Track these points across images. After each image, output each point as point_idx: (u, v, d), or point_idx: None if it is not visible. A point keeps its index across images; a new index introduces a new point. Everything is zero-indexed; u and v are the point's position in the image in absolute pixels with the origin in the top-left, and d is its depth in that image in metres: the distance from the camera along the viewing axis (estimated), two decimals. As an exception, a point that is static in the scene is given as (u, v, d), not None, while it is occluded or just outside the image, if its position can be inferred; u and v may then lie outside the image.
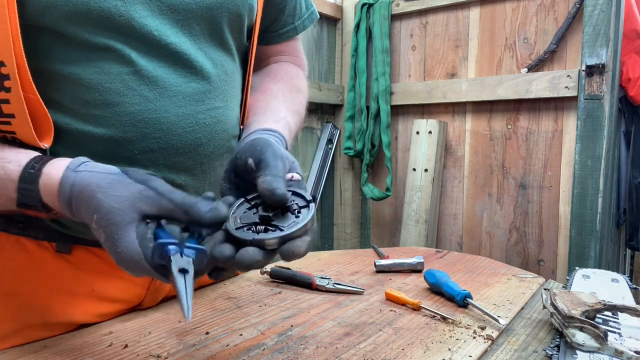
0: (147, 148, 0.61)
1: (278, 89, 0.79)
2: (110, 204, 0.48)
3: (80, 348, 0.60)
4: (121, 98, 0.58)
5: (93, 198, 0.48)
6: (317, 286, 0.84)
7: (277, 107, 0.74)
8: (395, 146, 2.27)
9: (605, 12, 1.62)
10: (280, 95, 0.77)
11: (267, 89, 0.78)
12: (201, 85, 0.64)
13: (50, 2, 0.53)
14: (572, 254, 1.73)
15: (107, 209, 0.47)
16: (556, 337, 0.65)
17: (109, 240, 0.48)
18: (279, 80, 0.81)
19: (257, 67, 0.86)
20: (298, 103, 0.80)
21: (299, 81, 0.85)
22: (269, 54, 0.86)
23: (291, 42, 0.87)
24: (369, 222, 2.41)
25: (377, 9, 2.18)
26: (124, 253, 0.47)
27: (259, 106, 0.75)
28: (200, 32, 0.64)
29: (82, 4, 0.54)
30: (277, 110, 0.74)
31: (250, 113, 0.75)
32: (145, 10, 0.58)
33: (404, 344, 0.63)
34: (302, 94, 0.83)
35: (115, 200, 0.48)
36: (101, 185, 0.49)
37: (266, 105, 0.74)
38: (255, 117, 0.72)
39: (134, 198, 0.48)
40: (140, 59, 0.58)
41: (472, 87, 1.96)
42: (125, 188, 0.48)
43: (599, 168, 1.67)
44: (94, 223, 0.48)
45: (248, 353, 0.60)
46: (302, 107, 0.81)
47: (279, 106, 0.75)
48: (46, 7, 0.53)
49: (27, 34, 0.54)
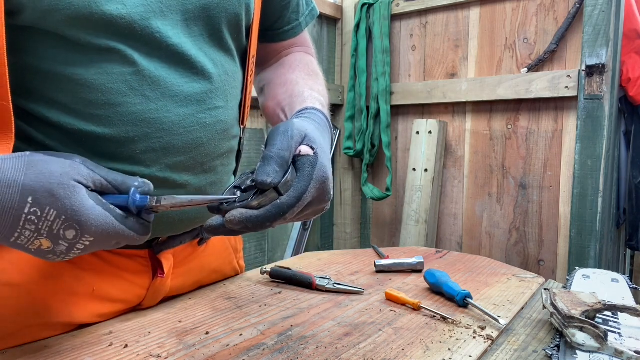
0: (149, 148, 0.61)
1: (296, 76, 0.78)
2: (47, 181, 0.46)
3: (80, 348, 0.60)
4: (123, 98, 0.58)
5: (17, 182, 0.45)
6: (317, 286, 0.84)
7: (300, 90, 0.72)
8: (395, 146, 2.27)
9: (605, 12, 1.62)
10: (301, 81, 0.76)
11: (287, 80, 0.77)
12: (202, 85, 0.64)
13: (52, 6, 0.52)
14: (572, 254, 1.73)
15: (46, 187, 0.45)
16: (556, 337, 0.65)
17: (64, 215, 0.46)
18: (295, 69, 0.81)
19: (269, 64, 0.86)
20: (319, 84, 0.79)
21: (314, 66, 0.84)
22: (279, 49, 0.86)
23: (299, 37, 0.87)
24: (369, 222, 2.41)
25: (377, 9, 2.18)
26: (91, 220, 0.47)
27: (282, 99, 0.73)
28: (199, 33, 0.64)
29: (83, 8, 0.54)
30: (301, 92, 0.72)
31: (278, 110, 0.73)
32: (147, 13, 0.58)
33: (404, 344, 0.63)
34: (320, 77, 0.82)
35: (50, 176, 0.46)
36: (19, 167, 0.46)
37: (290, 95, 0.72)
38: (284, 114, 0.71)
39: (67, 170, 0.47)
40: (142, 60, 0.59)
41: (472, 87, 1.97)
42: (54, 163, 0.47)
43: (599, 168, 1.67)
44: (31, 208, 0.45)
45: (248, 353, 0.60)
46: (323, 88, 0.80)
47: (302, 89, 0.73)
48: (48, 11, 0.53)
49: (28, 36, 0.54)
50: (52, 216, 0.46)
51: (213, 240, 0.83)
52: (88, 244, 0.48)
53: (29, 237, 0.46)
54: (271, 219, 0.49)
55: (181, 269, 0.77)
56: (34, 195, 0.45)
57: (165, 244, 0.72)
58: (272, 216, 0.48)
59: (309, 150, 0.53)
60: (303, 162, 0.52)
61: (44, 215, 0.46)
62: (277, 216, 0.49)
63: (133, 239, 0.51)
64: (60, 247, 0.48)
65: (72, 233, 0.47)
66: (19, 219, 0.45)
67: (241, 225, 0.48)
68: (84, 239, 0.48)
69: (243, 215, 0.48)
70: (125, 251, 0.70)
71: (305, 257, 1.09)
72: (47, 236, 0.47)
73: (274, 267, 0.90)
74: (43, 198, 0.46)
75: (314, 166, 0.52)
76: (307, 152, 0.53)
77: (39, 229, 0.46)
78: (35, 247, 0.47)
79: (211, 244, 0.83)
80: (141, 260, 0.72)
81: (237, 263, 0.92)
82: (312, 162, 0.52)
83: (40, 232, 0.46)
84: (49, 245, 0.47)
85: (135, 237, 0.51)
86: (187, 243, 0.77)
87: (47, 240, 0.47)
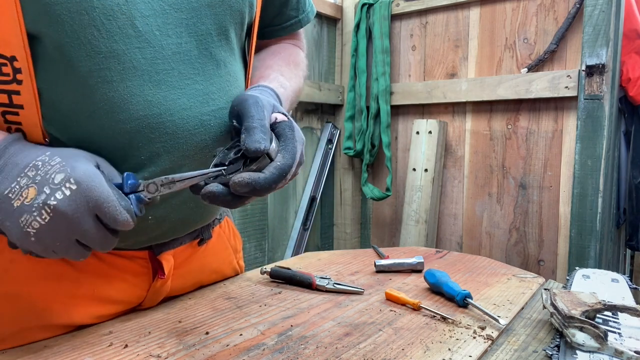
0: (153, 153, 0.60)
1: (273, 62, 0.79)
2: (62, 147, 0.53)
3: (80, 348, 0.60)
4: (125, 105, 0.57)
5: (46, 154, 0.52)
6: (317, 286, 0.84)
7: (267, 74, 0.75)
8: (395, 146, 2.27)
9: (605, 12, 1.62)
10: (275, 66, 0.78)
11: (264, 64, 0.79)
12: (204, 86, 0.63)
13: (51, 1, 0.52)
14: (572, 254, 1.73)
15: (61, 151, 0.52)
16: (556, 337, 0.65)
17: (65, 161, 0.50)
18: (275, 55, 0.82)
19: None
20: (294, 73, 0.80)
21: (297, 57, 0.85)
22: (271, 42, 0.86)
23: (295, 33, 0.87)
24: (369, 222, 2.41)
25: (377, 9, 2.18)
26: (87, 168, 0.51)
27: (254, 81, 0.74)
28: (206, 32, 0.63)
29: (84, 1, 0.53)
30: (267, 75, 0.74)
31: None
32: (148, 10, 0.57)
33: (404, 344, 0.63)
34: (300, 69, 0.83)
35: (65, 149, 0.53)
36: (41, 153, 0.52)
37: (257, 78, 0.74)
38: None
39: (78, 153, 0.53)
40: (143, 62, 0.57)
41: (472, 87, 1.97)
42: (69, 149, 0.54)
43: (599, 168, 1.67)
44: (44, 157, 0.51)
45: (248, 353, 0.60)
46: (298, 77, 0.81)
47: (269, 73, 0.75)
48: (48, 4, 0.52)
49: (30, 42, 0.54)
50: (55, 162, 0.50)
51: (213, 240, 0.83)
52: (68, 193, 0.48)
53: (22, 186, 0.49)
54: (276, 180, 0.53)
55: (181, 270, 0.77)
56: (53, 151, 0.52)
57: (165, 245, 0.72)
58: (277, 177, 0.53)
59: (283, 117, 0.58)
60: (283, 127, 0.57)
61: (49, 161, 0.50)
62: (281, 177, 0.53)
63: (114, 213, 0.50)
64: (38, 199, 0.48)
65: (61, 176, 0.49)
66: (26, 166, 0.51)
67: (249, 188, 0.51)
68: (67, 183, 0.49)
69: (251, 177, 0.51)
70: (125, 253, 0.70)
71: (305, 257, 1.09)
72: (39, 182, 0.49)
73: (274, 267, 0.90)
74: (60, 153, 0.52)
75: (293, 129, 0.57)
76: (282, 119, 0.58)
77: (36, 175, 0.50)
78: (18, 203, 0.49)
79: (211, 244, 0.83)
80: (141, 261, 0.71)
81: (237, 263, 0.92)
82: (290, 126, 0.58)
83: (35, 178, 0.49)
84: (33, 196, 0.49)
85: (118, 210, 0.50)
86: (187, 244, 0.77)
87: (35, 189, 0.49)
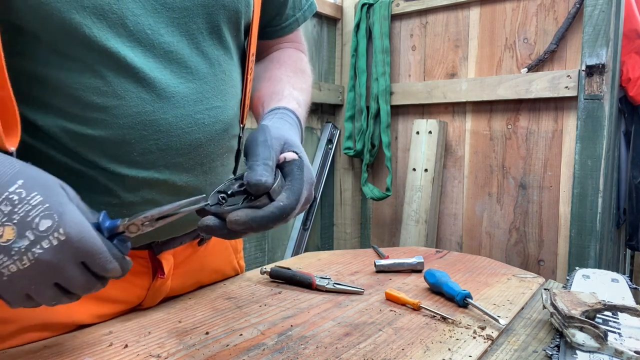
0: (146, 150, 0.60)
1: (282, 73, 0.79)
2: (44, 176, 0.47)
3: (80, 348, 0.60)
4: (119, 101, 0.57)
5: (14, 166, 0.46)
6: (317, 286, 0.84)
7: (281, 88, 0.74)
8: (395, 146, 2.27)
9: (605, 12, 1.62)
10: (285, 78, 0.77)
11: (272, 75, 0.78)
12: (198, 85, 0.63)
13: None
14: (572, 254, 1.73)
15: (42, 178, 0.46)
16: (556, 337, 0.65)
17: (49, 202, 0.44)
18: (282, 65, 0.82)
19: (260, 58, 0.86)
20: (303, 82, 0.80)
21: (302, 64, 0.85)
22: (271, 44, 0.86)
23: (293, 33, 0.87)
24: (369, 222, 2.41)
25: (377, 9, 2.18)
26: (74, 216, 0.46)
27: (264, 94, 0.75)
28: (197, 31, 0.63)
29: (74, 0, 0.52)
30: (281, 90, 0.73)
31: (259, 105, 0.75)
32: (139, 9, 0.57)
33: (404, 344, 0.63)
34: (307, 75, 0.83)
35: (47, 175, 0.47)
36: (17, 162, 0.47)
37: (271, 92, 0.74)
38: (262, 109, 0.72)
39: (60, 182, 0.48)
40: (136, 60, 0.57)
41: (472, 87, 1.96)
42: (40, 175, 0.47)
43: (599, 168, 1.67)
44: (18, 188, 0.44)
45: (248, 353, 0.60)
46: (307, 86, 0.81)
47: (283, 87, 0.74)
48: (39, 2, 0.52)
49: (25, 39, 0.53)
50: (36, 201, 0.44)
51: (213, 240, 0.83)
52: (56, 243, 0.44)
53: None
54: (275, 220, 0.49)
55: (181, 269, 0.77)
56: (26, 179, 0.45)
57: (165, 244, 0.72)
58: (276, 217, 0.49)
59: (294, 155, 0.56)
60: (292, 167, 0.54)
61: (28, 198, 0.44)
62: (281, 217, 0.50)
63: (104, 263, 0.48)
64: (20, 243, 0.43)
65: (47, 223, 0.44)
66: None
67: (245, 226, 0.49)
68: (56, 233, 0.44)
69: (248, 216, 0.49)
70: (125, 252, 0.69)
71: (305, 257, 1.09)
72: (18, 222, 0.43)
73: (274, 267, 0.90)
74: (35, 185, 0.45)
75: (302, 169, 0.54)
76: (292, 157, 0.55)
77: (13, 212, 0.43)
78: None
79: (211, 244, 0.83)
80: (141, 261, 0.72)
81: (237, 263, 0.92)
82: (299, 165, 0.55)
83: (12, 216, 0.43)
84: (10, 237, 0.43)
85: (108, 259, 0.48)
86: (187, 243, 0.77)
87: (12, 230, 0.43)
